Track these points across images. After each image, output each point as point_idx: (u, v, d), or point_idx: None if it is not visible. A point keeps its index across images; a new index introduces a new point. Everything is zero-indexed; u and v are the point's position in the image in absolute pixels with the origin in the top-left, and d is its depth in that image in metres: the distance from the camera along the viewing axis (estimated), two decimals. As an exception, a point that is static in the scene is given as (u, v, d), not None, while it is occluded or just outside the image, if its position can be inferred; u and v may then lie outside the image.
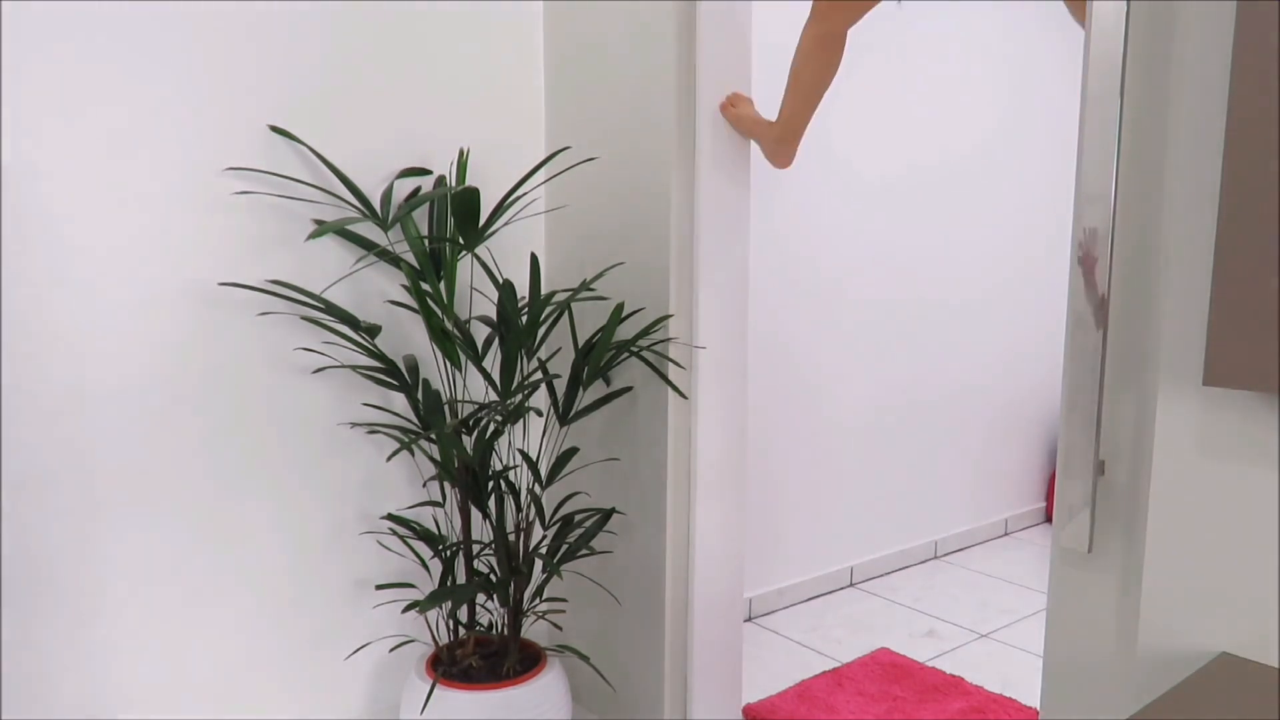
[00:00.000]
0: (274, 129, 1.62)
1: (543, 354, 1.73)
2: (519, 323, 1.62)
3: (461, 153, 1.77)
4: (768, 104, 1.91)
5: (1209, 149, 0.87)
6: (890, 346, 2.92)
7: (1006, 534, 3.41)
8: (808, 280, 2.66)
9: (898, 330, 2.93)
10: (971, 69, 3.01)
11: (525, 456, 1.71)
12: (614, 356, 1.70)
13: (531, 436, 1.91)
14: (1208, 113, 0.87)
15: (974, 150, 3.06)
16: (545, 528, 1.75)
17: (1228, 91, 0.81)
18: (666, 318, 1.74)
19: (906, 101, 2.84)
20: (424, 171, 1.78)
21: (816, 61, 1.53)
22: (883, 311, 2.88)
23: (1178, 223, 0.91)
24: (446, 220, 1.72)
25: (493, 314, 1.69)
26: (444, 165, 1.80)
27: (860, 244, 2.79)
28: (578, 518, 1.75)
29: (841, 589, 2.88)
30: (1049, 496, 3.59)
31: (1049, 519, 3.55)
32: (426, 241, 1.69)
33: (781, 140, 1.67)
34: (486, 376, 1.66)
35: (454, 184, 1.75)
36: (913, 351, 2.98)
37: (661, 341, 1.74)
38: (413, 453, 1.72)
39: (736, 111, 1.73)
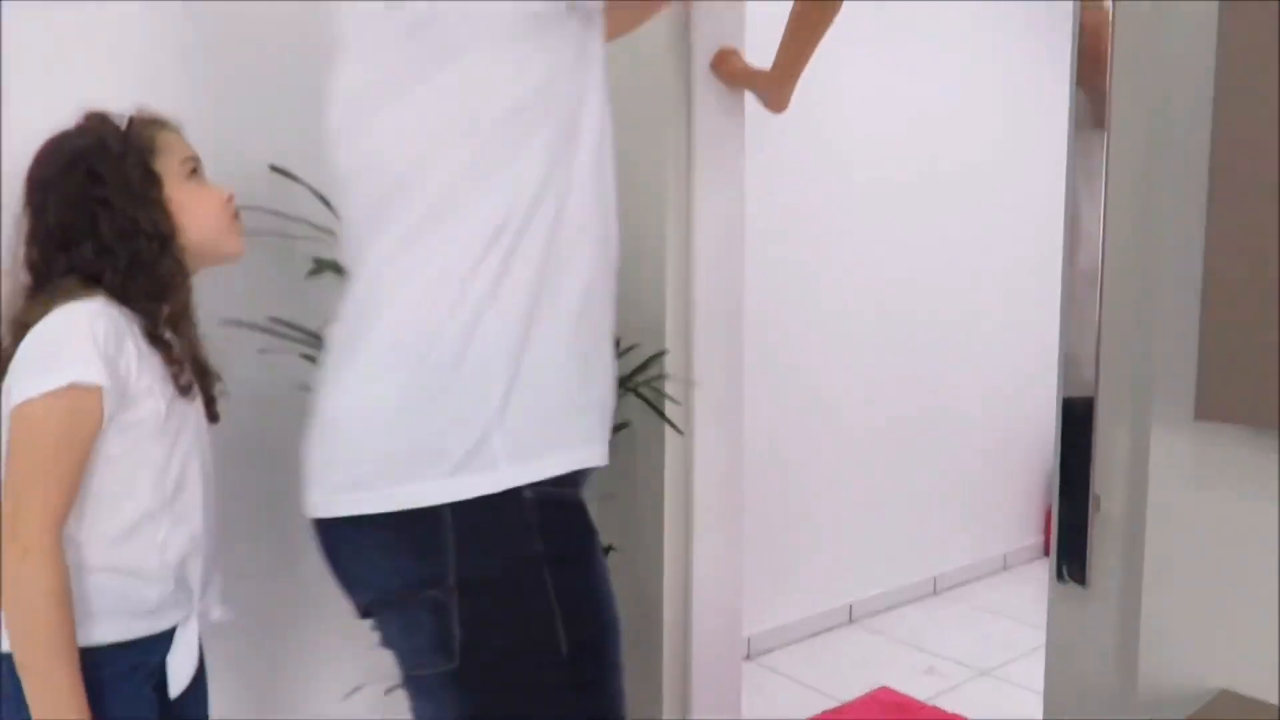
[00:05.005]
0: (274, 169, 1.64)
1: (540, 390, 1.74)
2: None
3: (459, 192, 1.78)
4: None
5: (1194, 186, 0.88)
6: (887, 376, 2.92)
7: (1005, 568, 3.39)
8: (805, 308, 2.68)
9: (894, 360, 2.94)
10: (970, 85, 3.05)
11: (522, 493, 1.71)
12: (611, 393, 1.70)
13: (528, 473, 1.91)
14: (1193, 150, 0.89)
15: (970, 169, 3.08)
16: (542, 565, 1.74)
17: (1211, 129, 0.83)
18: (662, 354, 1.74)
19: (905, 117, 2.87)
20: (422, 210, 1.80)
21: (817, 7, 1.55)
22: (881, 343, 2.89)
23: (1165, 259, 0.92)
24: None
25: (490, 351, 1.69)
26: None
27: (858, 270, 2.80)
28: (575, 555, 1.74)
29: (841, 626, 2.86)
30: (1047, 529, 3.58)
31: (1047, 552, 3.53)
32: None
33: (781, 85, 1.69)
34: (484, 413, 1.66)
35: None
36: (909, 381, 2.99)
37: (657, 378, 1.74)
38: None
39: (729, 67, 1.75)
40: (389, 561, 0.92)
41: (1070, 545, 1.00)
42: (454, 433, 0.88)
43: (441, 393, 0.88)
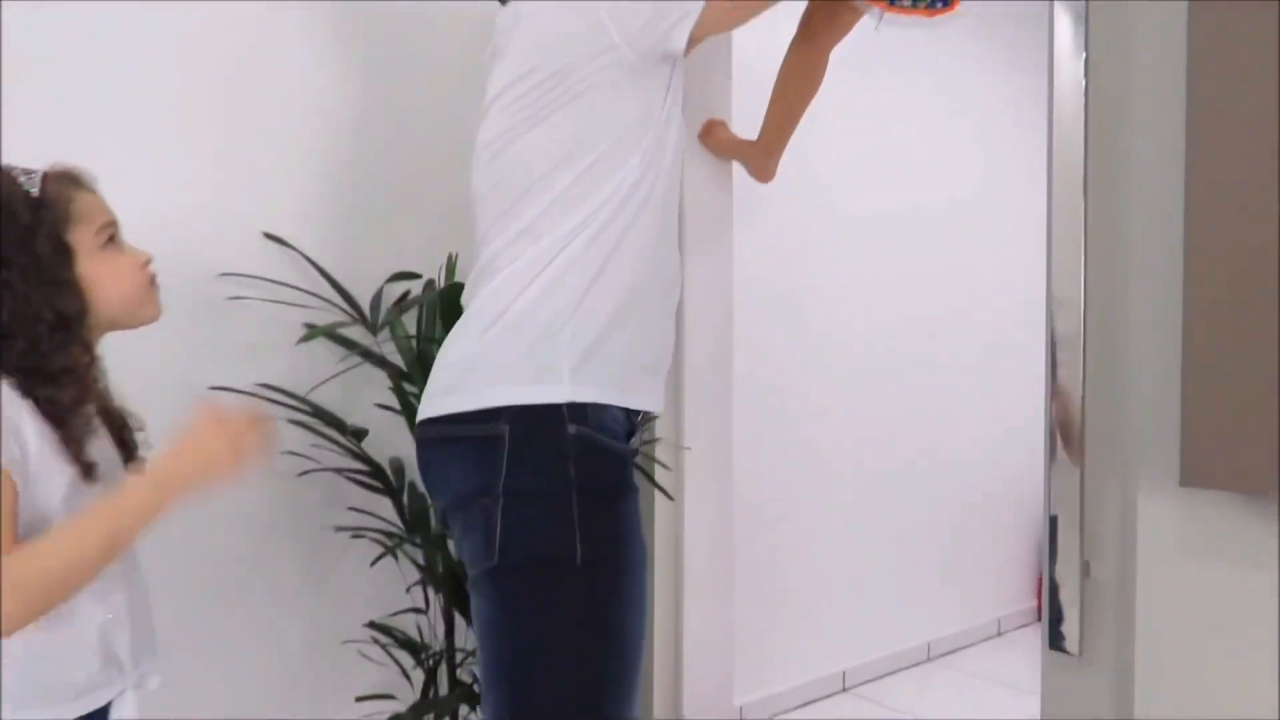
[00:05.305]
0: (268, 235, 1.66)
1: (529, 455, 1.73)
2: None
3: (450, 257, 1.80)
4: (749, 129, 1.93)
5: (1171, 252, 0.90)
6: (876, 437, 2.92)
7: (999, 633, 3.35)
8: (792, 364, 2.69)
9: (883, 420, 2.94)
10: (951, 130, 3.10)
11: (511, 560, 1.69)
12: (600, 458, 1.69)
13: (517, 539, 1.89)
14: (1169, 215, 0.91)
15: (953, 226, 3.12)
16: (531, 634, 1.71)
17: (1184, 195, 0.85)
18: (652, 418, 1.75)
19: (890, 171, 2.92)
20: (414, 275, 1.81)
21: (800, 81, 1.63)
22: (869, 403, 2.89)
23: (1145, 325, 0.94)
24: (435, 322, 1.74)
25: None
26: (433, 269, 1.83)
27: (848, 326, 2.82)
28: (564, 623, 1.72)
29: (835, 694, 2.81)
30: (1039, 594, 3.55)
31: (1041, 617, 3.49)
32: (414, 343, 1.70)
33: (768, 155, 1.75)
34: (473, 479, 1.65)
35: (442, 288, 1.77)
36: (899, 443, 2.99)
37: (647, 442, 1.74)
38: (396, 557, 1.69)
39: (716, 138, 1.79)
40: (459, 472, 1.15)
41: (1062, 612, 1.00)
42: (525, 362, 1.13)
43: (515, 338, 1.13)
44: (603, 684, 1.11)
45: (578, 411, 1.11)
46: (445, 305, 1.65)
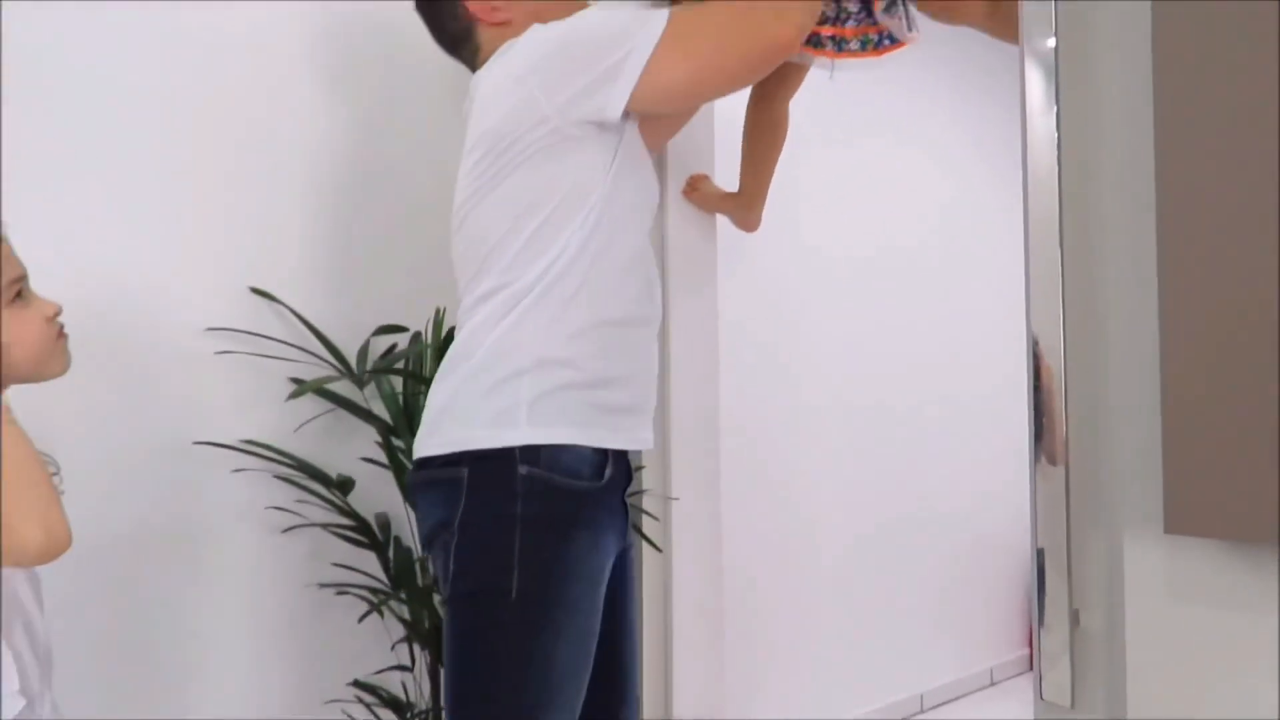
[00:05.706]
0: (254, 290, 1.66)
1: (516, 508, 1.72)
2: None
3: (437, 311, 1.81)
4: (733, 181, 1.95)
5: (1147, 299, 0.92)
6: (863, 485, 2.92)
7: (992, 683, 3.32)
8: (780, 412, 2.69)
9: (870, 467, 2.94)
10: (933, 177, 3.14)
11: (498, 615, 1.67)
12: (588, 509, 1.68)
13: (504, 593, 1.87)
14: (1141, 262, 0.93)
15: (934, 272, 3.15)
16: (518, 690, 1.69)
17: (1156, 238, 0.86)
18: (639, 469, 1.74)
19: (873, 219, 2.95)
20: (400, 329, 1.82)
21: (765, 138, 1.69)
22: (857, 449, 2.89)
23: (1126, 369, 0.95)
24: (421, 375, 1.74)
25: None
26: (420, 322, 1.83)
27: (833, 375, 2.83)
28: (552, 679, 1.69)
29: (827, 748, 2.76)
30: (1031, 642, 3.52)
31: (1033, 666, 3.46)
32: (401, 395, 1.70)
33: (750, 207, 1.79)
34: (459, 532, 1.64)
35: (429, 341, 1.78)
36: (886, 490, 2.98)
37: (635, 493, 1.73)
38: (382, 614, 1.67)
39: (701, 193, 1.82)
40: (431, 507, 1.24)
41: (1052, 662, 0.99)
42: (485, 407, 1.21)
43: (477, 385, 1.22)
44: (525, 715, 1.16)
45: (530, 453, 1.18)
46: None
